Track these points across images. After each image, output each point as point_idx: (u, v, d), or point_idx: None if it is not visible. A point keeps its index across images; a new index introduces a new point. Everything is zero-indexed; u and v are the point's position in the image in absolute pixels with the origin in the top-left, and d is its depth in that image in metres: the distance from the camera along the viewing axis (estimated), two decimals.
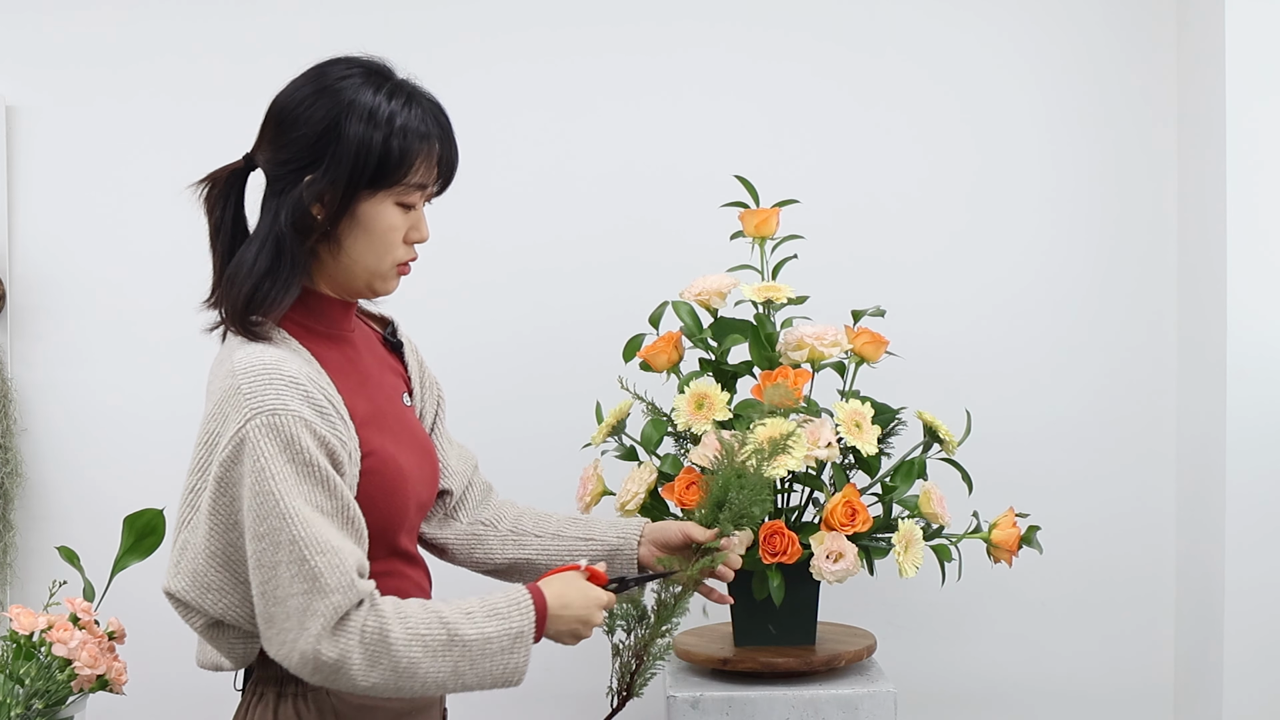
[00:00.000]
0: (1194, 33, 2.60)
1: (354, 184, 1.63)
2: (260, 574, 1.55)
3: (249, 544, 1.56)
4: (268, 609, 1.55)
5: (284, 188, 1.64)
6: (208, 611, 1.61)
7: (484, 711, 2.64)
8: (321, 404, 1.59)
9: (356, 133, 1.62)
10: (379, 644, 1.55)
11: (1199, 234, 2.59)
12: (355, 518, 1.60)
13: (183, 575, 1.61)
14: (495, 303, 2.70)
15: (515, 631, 1.62)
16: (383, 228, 1.66)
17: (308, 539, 1.52)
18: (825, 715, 2.15)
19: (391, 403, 1.76)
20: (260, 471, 1.53)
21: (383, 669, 1.55)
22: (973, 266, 2.70)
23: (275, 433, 1.54)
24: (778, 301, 2.28)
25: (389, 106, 1.63)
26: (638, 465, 2.28)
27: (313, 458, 1.55)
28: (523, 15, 2.69)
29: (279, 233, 1.63)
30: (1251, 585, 2.47)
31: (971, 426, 2.38)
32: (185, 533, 1.62)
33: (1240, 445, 2.46)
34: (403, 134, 1.63)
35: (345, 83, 1.64)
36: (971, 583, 2.50)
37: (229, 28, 2.69)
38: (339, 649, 1.53)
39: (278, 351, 1.60)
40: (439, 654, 1.57)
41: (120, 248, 2.70)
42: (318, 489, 1.56)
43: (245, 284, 1.62)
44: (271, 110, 1.68)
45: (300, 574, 1.52)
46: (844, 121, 2.69)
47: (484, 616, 1.61)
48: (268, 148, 1.67)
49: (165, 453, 2.66)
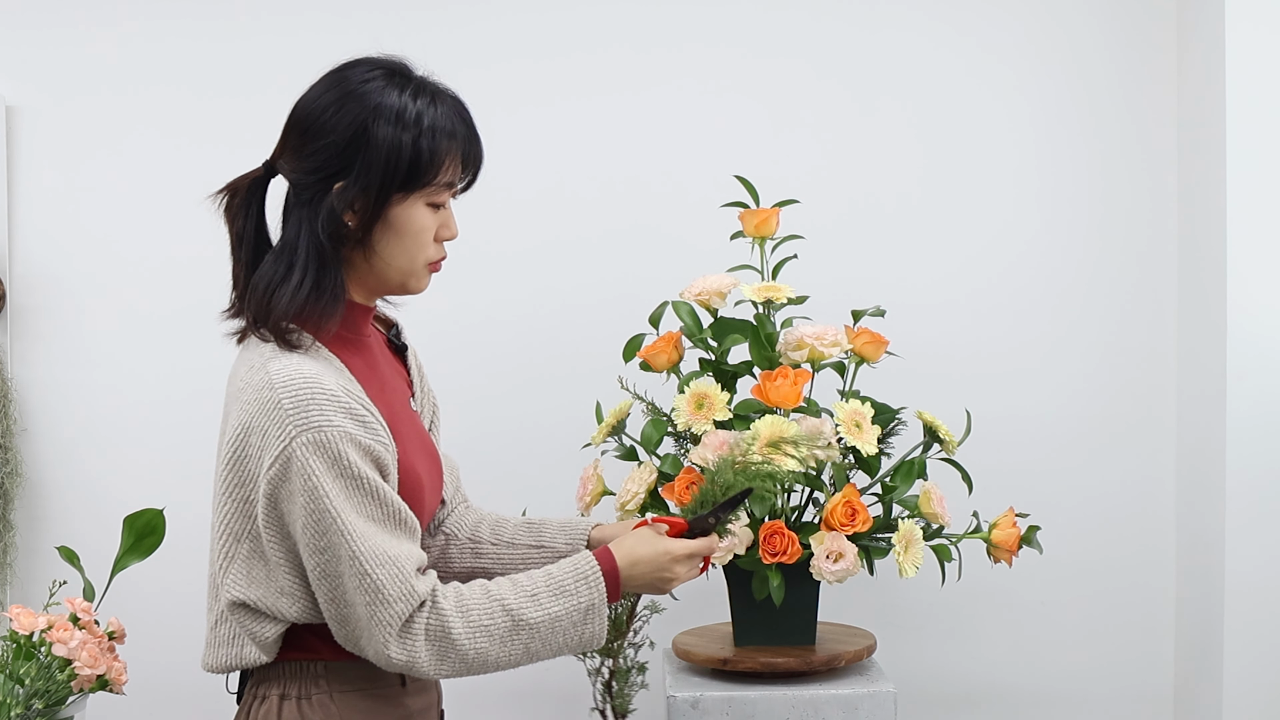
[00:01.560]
0: (1194, 33, 2.60)
1: (386, 188, 1.62)
2: (326, 584, 1.59)
3: (308, 557, 1.59)
4: (338, 612, 1.60)
5: (312, 197, 1.63)
6: (283, 616, 1.63)
7: (484, 711, 2.65)
8: (362, 415, 1.60)
9: (386, 136, 1.60)
10: (443, 641, 1.60)
11: (1199, 233, 2.59)
12: (407, 518, 1.63)
13: (258, 583, 1.63)
14: (495, 303, 2.70)
15: (585, 606, 1.65)
16: (415, 229, 1.65)
17: (365, 553, 1.56)
18: (825, 715, 2.15)
19: (404, 408, 1.76)
20: (312, 490, 1.56)
21: (451, 661, 1.61)
22: (973, 266, 2.70)
23: (322, 450, 1.56)
24: (778, 301, 2.28)
25: (415, 107, 1.62)
26: (638, 465, 2.28)
27: (360, 471, 1.57)
28: (523, 14, 2.69)
29: (319, 245, 1.62)
30: (1251, 585, 2.47)
31: (971, 426, 2.38)
32: (248, 543, 1.63)
33: (1240, 446, 2.46)
34: (431, 134, 1.62)
35: (369, 85, 1.62)
36: (971, 583, 2.50)
37: (229, 27, 2.69)
38: (406, 652, 1.59)
39: (314, 364, 1.60)
40: (506, 640, 1.62)
41: (120, 248, 2.70)
42: (368, 500, 1.58)
43: (295, 299, 1.61)
44: (294, 118, 1.65)
45: (362, 586, 1.57)
46: (844, 122, 2.69)
47: (549, 596, 1.64)
48: (292, 156, 1.64)
49: (165, 453, 2.68)
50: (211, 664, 1.71)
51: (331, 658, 1.68)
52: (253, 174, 1.69)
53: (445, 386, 2.64)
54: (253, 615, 1.64)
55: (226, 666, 1.69)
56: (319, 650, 1.67)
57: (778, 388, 2.19)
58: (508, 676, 2.60)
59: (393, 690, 1.72)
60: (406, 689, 1.74)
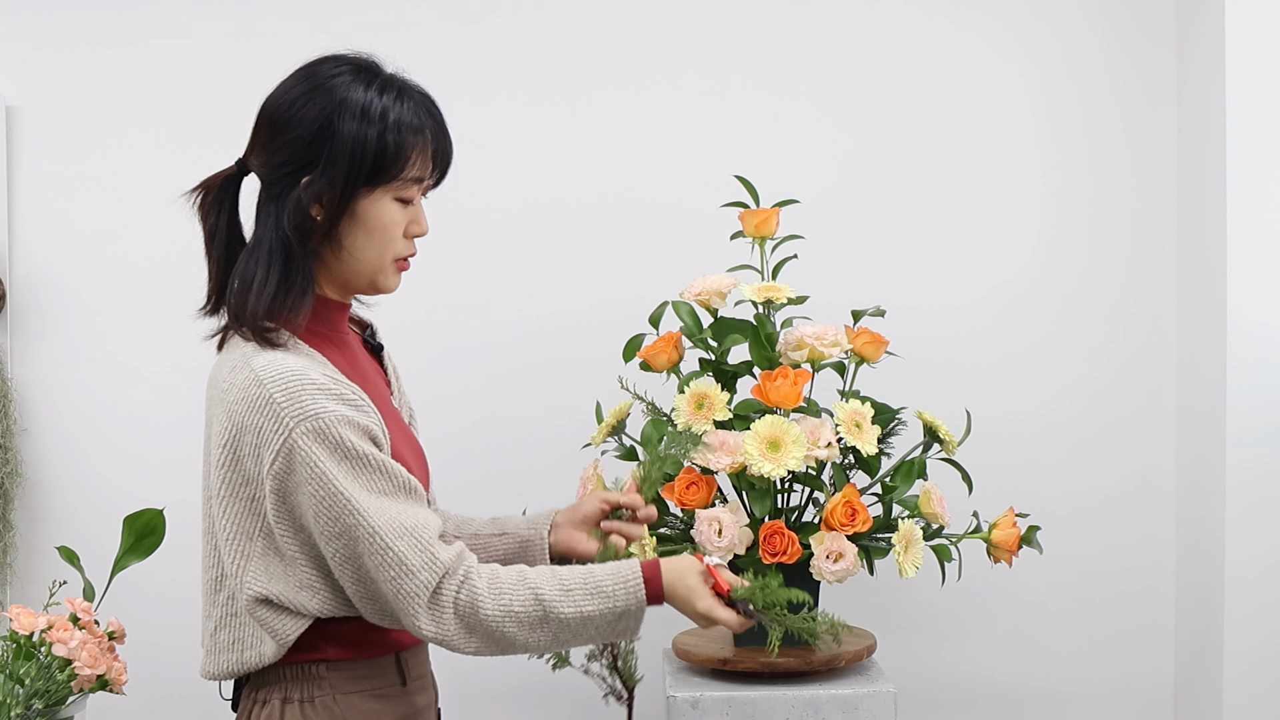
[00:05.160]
0: (1194, 33, 2.60)
1: (351, 182, 1.63)
2: (349, 568, 1.60)
3: (325, 544, 1.60)
4: (365, 590, 1.61)
5: (281, 191, 1.65)
6: (306, 610, 1.63)
7: (483, 712, 2.65)
8: (352, 399, 1.62)
9: (350, 130, 1.62)
10: (472, 617, 1.61)
11: (1199, 234, 2.59)
12: (415, 486, 1.64)
13: (277, 579, 1.63)
14: (494, 303, 2.69)
15: (620, 610, 1.66)
16: (383, 224, 1.67)
17: (384, 527, 1.58)
18: (825, 715, 2.15)
19: (387, 405, 1.76)
20: (319, 478, 1.57)
21: (479, 637, 1.62)
22: (972, 266, 2.70)
23: (321, 437, 1.57)
24: (778, 301, 2.28)
25: (381, 102, 1.64)
26: (638, 465, 2.28)
27: (361, 449, 1.59)
28: (523, 13, 2.69)
29: (284, 239, 1.64)
30: (1251, 585, 2.47)
31: (971, 426, 2.38)
32: (261, 540, 1.64)
33: (1240, 446, 2.46)
34: (396, 128, 1.64)
35: (336, 80, 1.65)
36: (971, 583, 2.50)
37: (229, 27, 2.69)
38: (437, 625, 1.60)
39: (297, 359, 1.62)
40: (534, 628, 1.63)
41: (120, 248, 2.70)
42: (376, 475, 1.60)
43: (262, 295, 1.63)
44: (263, 113, 1.68)
45: (384, 562, 1.58)
46: (844, 121, 2.69)
47: (584, 594, 1.65)
48: (261, 151, 1.67)
49: (165, 453, 2.67)
50: (212, 671, 1.70)
51: (335, 657, 1.68)
52: (225, 172, 1.71)
53: (445, 387, 2.65)
54: (275, 611, 1.64)
55: (227, 673, 1.69)
56: (323, 649, 1.67)
57: (778, 388, 2.19)
58: (508, 678, 2.61)
59: (395, 690, 1.72)
60: (408, 688, 1.74)
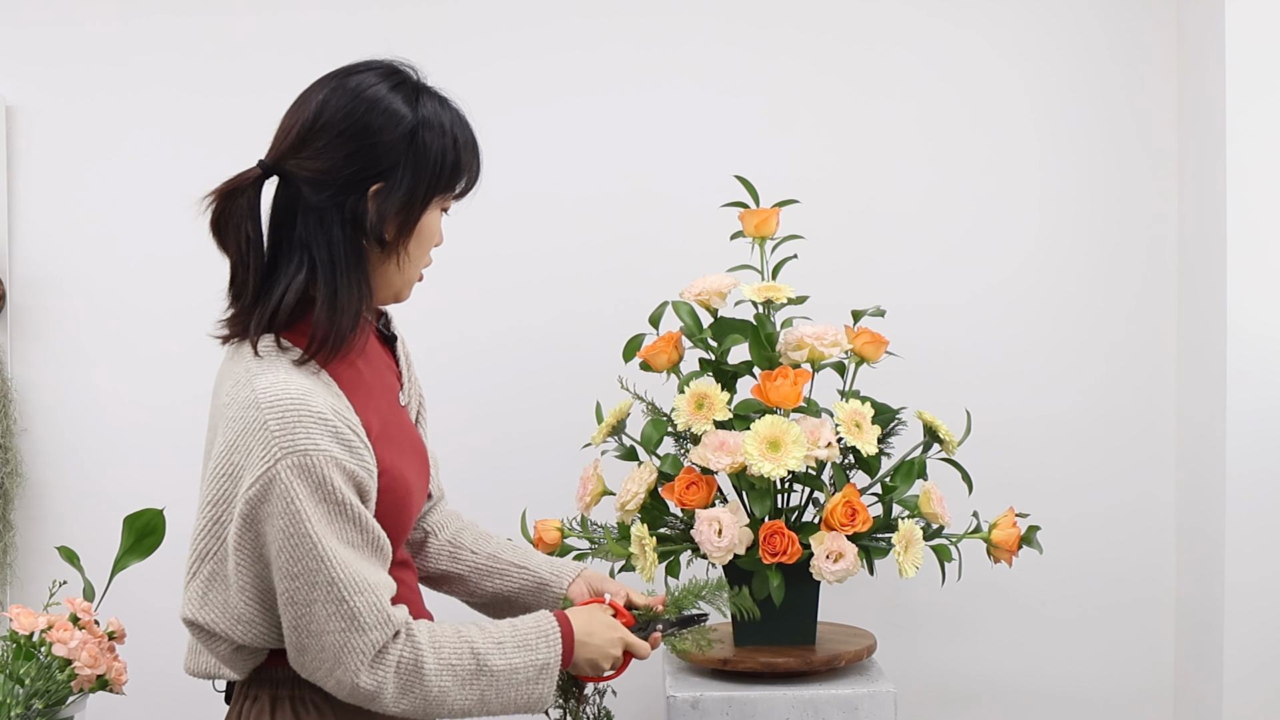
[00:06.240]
0: (1194, 33, 2.60)
1: (429, 193, 1.64)
2: (293, 610, 1.56)
3: (280, 581, 1.56)
4: (300, 640, 1.57)
5: (337, 199, 1.60)
6: (236, 640, 1.61)
7: None
8: (349, 438, 1.57)
9: (434, 143, 1.63)
10: (413, 674, 1.59)
11: (1199, 234, 2.59)
12: (383, 545, 1.62)
13: (212, 607, 1.61)
14: (494, 304, 2.70)
15: (541, 663, 1.65)
16: (430, 234, 1.68)
17: (345, 580, 1.55)
18: (825, 715, 2.15)
19: (393, 410, 1.73)
20: (294, 514, 1.53)
21: (413, 697, 1.60)
22: (972, 266, 2.70)
23: (306, 474, 1.53)
24: (778, 301, 2.28)
25: (446, 114, 1.65)
26: (638, 465, 2.28)
27: (344, 496, 1.55)
28: (521, 14, 2.69)
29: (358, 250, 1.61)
30: (1251, 586, 2.47)
31: (971, 426, 2.38)
32: (211, 564, 1.61)
33: (1240, 446, 2.46)
34: (467, 144, 1.67)
35: (398, 92, 1.63)
36: (971, 583, 2.50)
37: (228, 26, 2.69)
38: (375, 680, 1.58)
39: (303, 381, 1.57)
40: (467, 683, 1.62)
41: (120, 248, 2.70)
42: (350, 526, 1.57)
43: (348, 311, 1.60)
44: (321, 121, 1.61)
45: (338, 613, 1.55)
46: (844, 121, 2.69)
47: (513, 647, 1.65)
48: (317, 158, 1.60)
49: (165, 453, 2.67)
50: (193, 669, 1.69)
51: None
52: (249, 175, 1.62)
53: (445, 387, 2.64)
54: (204, 634, 1.62)
55: (205, 674, 1.68)
56: None
57: (778, 388, 2.19)
58: None
59: None
60: None
